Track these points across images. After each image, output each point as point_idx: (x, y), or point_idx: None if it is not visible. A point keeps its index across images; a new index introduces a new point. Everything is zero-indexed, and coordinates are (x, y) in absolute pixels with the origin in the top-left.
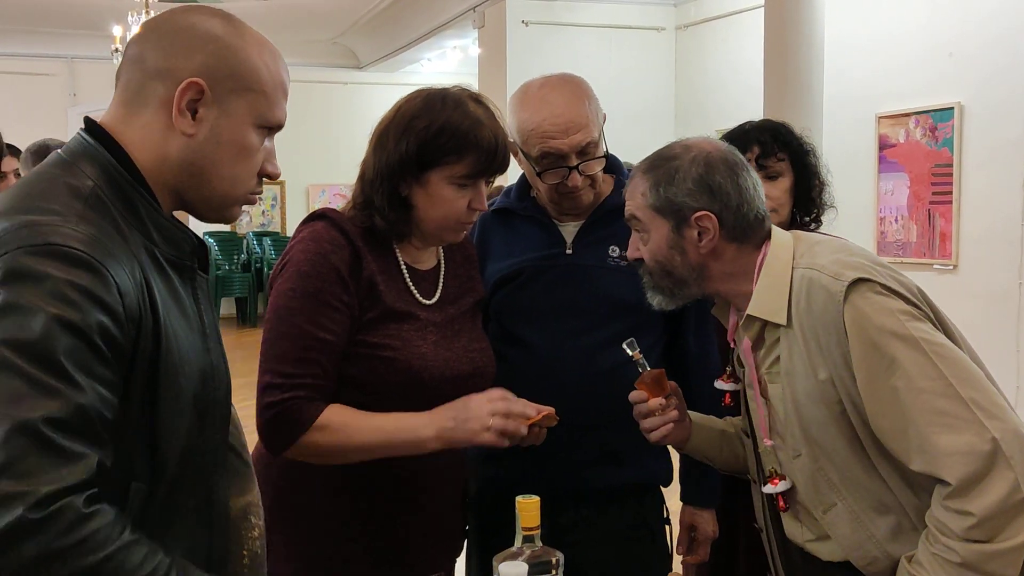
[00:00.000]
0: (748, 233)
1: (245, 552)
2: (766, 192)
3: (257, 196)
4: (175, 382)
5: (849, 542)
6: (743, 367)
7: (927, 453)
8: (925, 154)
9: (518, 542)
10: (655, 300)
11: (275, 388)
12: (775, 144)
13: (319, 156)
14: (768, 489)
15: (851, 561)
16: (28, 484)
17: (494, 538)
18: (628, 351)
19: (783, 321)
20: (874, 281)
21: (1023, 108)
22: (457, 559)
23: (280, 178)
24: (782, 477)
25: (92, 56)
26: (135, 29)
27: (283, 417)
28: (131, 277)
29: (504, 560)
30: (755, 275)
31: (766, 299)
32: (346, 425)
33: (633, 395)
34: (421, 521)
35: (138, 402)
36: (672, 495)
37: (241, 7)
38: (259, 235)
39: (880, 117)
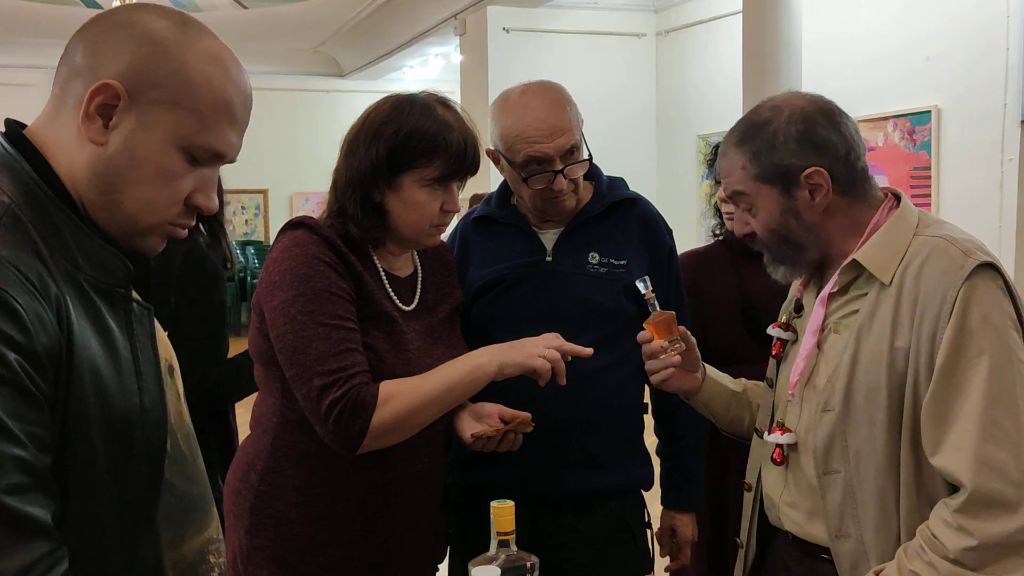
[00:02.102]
0: (859, 186)
1: None
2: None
3: (181, 228)
4: (84, 432)
5: (833, 510)
6: (798, 316)
7: (961, 451)
8: (903, 157)
9: (493, 547)
10: (778, 272)
11: (330, 387)
12: None
13: (302, 164)
14: (768, 437)
15: (824, 526)
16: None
17: (476, 544)
18: (641, 288)
19: (887, 280)
20: (1001, 274)
21: (999, 110)
22: (440, 565)
23: (263, 186)
24: (789, 431)
25: None
26: None
27: (349, 408)
28: (48, 310)
29: (478, 564)
30: (867, 232)
31: (878, 254)
32: (406, 389)
33: (641, 335)
34: (401, 528)
35: None
36: (652, 499)
37: (223, 16)
38: (243, 244)
39: (858, 121)
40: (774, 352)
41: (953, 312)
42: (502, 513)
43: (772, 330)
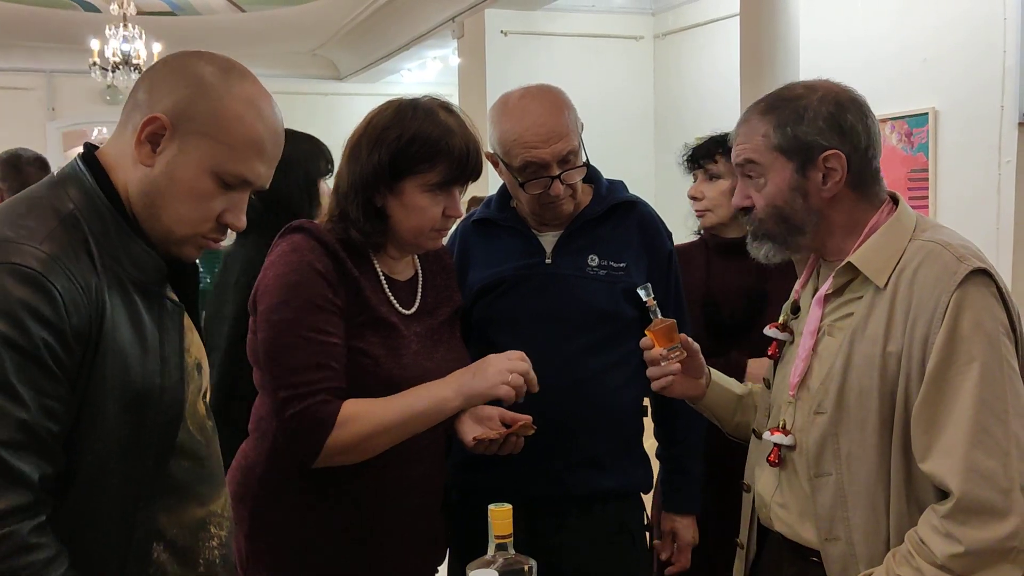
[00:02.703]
0: (869, 183)
1: (201, 561)
2: (704, 191)
3: (213, 241)
4: (101, 401)
5: (824, 512)
6: (795, 317)
7: (950, 457)
8: (901, 159)
9: (491, 550)
10: (761, 250)
11: (294, 399)
12: (716, 146)
13: None
14: (769, 436)
15: (814, 528)
16: None
17: (476, 546)
18: (642, 295)
19: (882, 283)
20: (994, 281)
21: (996, 112)
22: (439, 568)
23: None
24: (788, 432)
25: (70, 70)
26: (113, 43)
27: (307, 424)
28: (85, 296)
29: (476, 568)
30: (864, 233)
31: (873, 257)
32: (367, 412)
33: (643, 341)
34: (401, 532)
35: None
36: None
37: (220, 19)
38: None
39: None
40: (770, 353)
41: (945, 318)
42: (500, 516)
43: (769, 331)
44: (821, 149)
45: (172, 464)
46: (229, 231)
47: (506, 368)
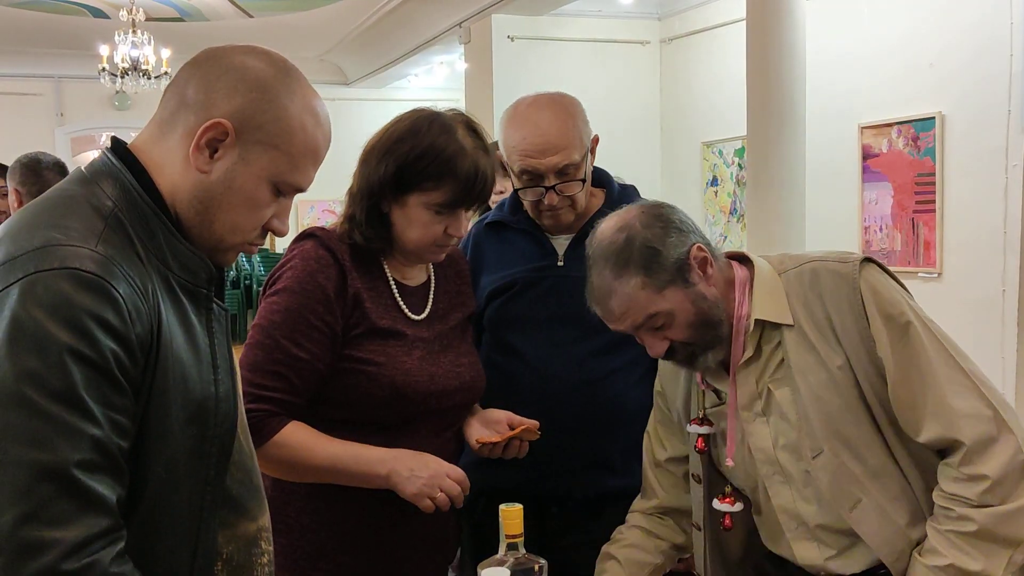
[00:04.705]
0: (712, 246)
1: None
2: None
3: (255, 247)
4: (165, 413)
5: (878, 539)
6: (723, 403)
7: (942, 417)
8: (908, 163)
9: (502, 550)
10: (707, 360)
11: (243, 396)
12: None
13: None
14: (718, 505)
15: (882, 560)
16: (59, 531)
17: (486, 546)
18: None
19: (789, 320)
20: (876, 263)
21: (1003, 116)
22: (450, 567)
23: None
24: (735, 501)
25: (79, 76)
26: (122, 49)
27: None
28: (144, 302)
29: (488, 567)
30: (738, 291)
31: (768, 303)
32: (304, 445)
33: None
34: (413, 530)
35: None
36: None
37: (230, 25)
38: None
39: (863, 127)
40: (699, 448)
41: (866, 309)
42: (511, 516)
43: (691, 427)
44: (686, 255)
45: (227, 477)
46: None
47: (438, 485)
